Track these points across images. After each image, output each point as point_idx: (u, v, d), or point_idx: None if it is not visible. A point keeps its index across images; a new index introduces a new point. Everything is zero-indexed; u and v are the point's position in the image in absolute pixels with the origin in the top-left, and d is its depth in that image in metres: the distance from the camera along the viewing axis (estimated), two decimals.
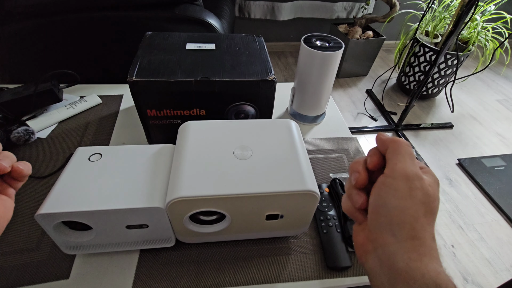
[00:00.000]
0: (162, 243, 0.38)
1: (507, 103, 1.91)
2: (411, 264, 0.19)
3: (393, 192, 0.21)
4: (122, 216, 0.33)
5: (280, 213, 0.35)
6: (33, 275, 0.36)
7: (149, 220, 0.34)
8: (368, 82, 1.99)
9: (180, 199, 0.31)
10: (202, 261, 0.39)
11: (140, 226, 0.34)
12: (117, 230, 0.34)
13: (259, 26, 2.09)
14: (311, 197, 0.33)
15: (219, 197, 0.31)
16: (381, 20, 1.83)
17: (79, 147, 0.38)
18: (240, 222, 0.35)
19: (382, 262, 0.21)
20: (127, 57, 0.55)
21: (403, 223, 0.20)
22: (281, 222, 0.36)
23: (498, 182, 1.34)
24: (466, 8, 1.08)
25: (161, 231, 0.36)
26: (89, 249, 0.36)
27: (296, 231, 0.40)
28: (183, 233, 0.36)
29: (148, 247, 0.37)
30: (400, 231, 0.20)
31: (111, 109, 0.63)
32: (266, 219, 0.35)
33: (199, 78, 0.44)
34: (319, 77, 0.57)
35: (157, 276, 0.37)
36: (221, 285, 0.37)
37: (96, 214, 0.31)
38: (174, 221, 0.34)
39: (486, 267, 1.06)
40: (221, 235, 0.37)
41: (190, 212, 0.33)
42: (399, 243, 0.20)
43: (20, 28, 0.79)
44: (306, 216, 0.37)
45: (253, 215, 0.35)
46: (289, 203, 0.34)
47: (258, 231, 0.38)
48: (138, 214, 0.33)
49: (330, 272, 0.40)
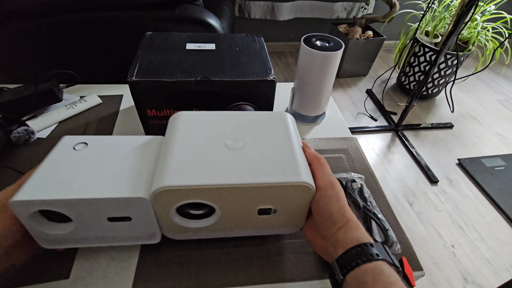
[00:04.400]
0: (147, 239, 0.35)
1: (507, 103, 1.91)
2: (345, 235, 0.28)
3: (328, 200, 0.30)
4: (103, 206, 0.30)
5: (273, 208, 0.33)
6: (33, 275, 0.36)
7: (132, 212, 0.31)
8: (368, 82, 2.00)
9: (165, 189, 0.29)
10: (202, 261, 0.39)
11: (123, 219, 0.32)
12: (98, 223, 0.32)
13: (259, 26, 2.09)
14: (305, 190, 0.31)
15: (208, 187, 0.29)
16: (381, 20, 1.83)
17: (65, 136, 0.36)
18: (231, 216, 0.33)
19: (331, 242, 0.30)
20: (127, 57, 0.55)
21: (341, 217, 0.30)
22: (274, 218, 0.34)
23: (498, 182, 1.34)
24: (466, 8, 1.09)
25: (145, 225, 0.33)
26: (68, 243, 0.33)
27: (290, 229, 0.37)
28: (170, 228, 0.34)
29: (130, 243, 0.35)
30: (340, 222, 0.29)
31: (111, 109, 0.63)
32: (258, 214, 0.33)
33: (199, 78, 0.44)
34: (319, 77, 0.57)
35: (157, 276, 0.37)
36: (221, 285, 0.37)
37: (75, 203, 0.29)
38: (159, 214, 0.32)
39: (486, 267, 1.06)
40: (211, 232, 0.35)
41: (176, 203, 0.30)
42: (340, 229, 0.29)
43: (20, 28, 0.79)
44: (301, 211, 0.34)
45: (244, 209, 0.33)
46: (282, 196, 0.32)
47: (250, 227, 0.36)
48: (121, 204, 0.30)
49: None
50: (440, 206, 1.26)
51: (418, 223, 1.19)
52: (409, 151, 1.49)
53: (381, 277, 0.24)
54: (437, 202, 1.27)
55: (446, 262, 1.08)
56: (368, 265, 0.25)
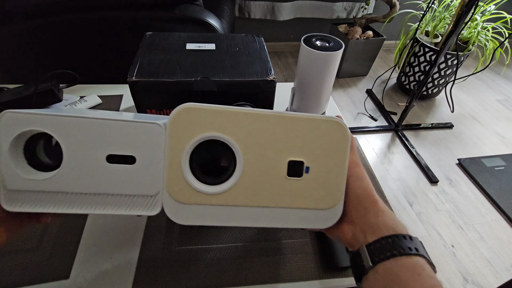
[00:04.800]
0: (145, 207, 0.27)
1: (507, 103, 1.91)
2: (377, 220, 0.26)
3: (353, 178, 0.28)
4: (107, 133, 0.25)
5: (305, 161, 0.27)
6: (33, 275, 0.36)
7: (139, 148, 0.26)
8: (368, 82, 2.00)
9: (188, 107, 0.25)
10: (202, 261, 0.39)
11: (125, 159, 0.26)
12: (94, 163, 0.25)
13: (259, 26, 2.09)
14: (339, 131, 0.27)
15: (236, 111, 0.26)
16: (381, 20, 1.83)
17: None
18: (254, 174, 0.27)
19: (359, 226, 0.27)
20: (127, 57, 0.55)
21: (368, 197, 0.27)
22: (306, 185, 0.28)
23: (498, 182, 1.34)
24: (466, 8, 1.09)
25: (149, 174, 0.26)
26: (42, 202, 0.25)
27: (324, 214, 0.29)
28: (178, 189, 0.26)
29: (124, 211, 0.26)
30: (367, 202, 0.27)
31: (111, 109, 0.63)
32: (288, 175, 0.27)
33: (199, 78, 0.44)
34: (319, 77, 0.57)
35: (157, 276, 0.37)
36: (221, 285, 0.37)
37: (76, 124, 0.24)
38: (171, 156, 0.26)
39: (486, 267, 1.06)
40: (226, 212, 0.28)
41: (196, 135, 0.26)
42: (369, 211, 0.27)
43: (20, 28, 0.79)
44: (337, 174, 0.28)
45: (272, 159, 0.27)
46: (314, 140, 0.27)
47: (277, 200, 0.28)
48: (128, 133, 0.25)
49: (330, 272, 0.40)
50: (440, 206, 1.26)
51: (418, 223, 1.19)
52: (409, 151, 1.49)
53: (422, 277, 0.22)
54: (437, 202, 1.27)
55: (446, 262, 1.08)
56: (407, 260, 0.23)
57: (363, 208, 0.27)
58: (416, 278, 0.21)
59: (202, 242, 0.41)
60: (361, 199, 0.27)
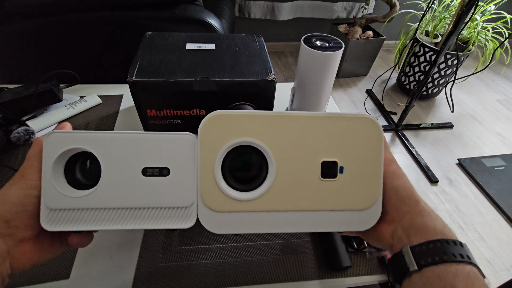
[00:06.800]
0: (180, 219, 0.27)
1: (507, 103, 1.91)
2: (424, 221, 0.24)
3: (390, 175, 0.27)
4: (142, 146, 0.25)
5: (338, 160, 0.27)
6: (33, 275, 0.36)
7: (173, 158, 0.26)
8: (368, 82, 2.00)
9: (218, 114, 0.26)
10: (202, 262, 0.39)
11: (160, 171, 0.26)
12: (131, 176, 0.26)
13: (259, 26, 2.09)
14: (371, 127, 0.26)
15: (266, 115, 0.26)
16: (381, 20, 1.83)
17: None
18: (287, 176, 0.26)
19: (401, 226, 0.26)
20: (127, 57, 0.55)
21: (409, 194, 0.26)
22: (341, 186, 0.27)
23: (498, 182, 1.34)
24: (466, 8, 1.08)
25: (183, 185, 0.26)
26: (81, 220, 0.25)
27: (362, 215, 0.27)
28: (212, 198, 0.26)
29: (161, 225, 0.26)
30: (409, 200, 0.26)
31: (111, 109, 0.63)
32: (321, 176, 0.27)
33: (199, 78, 0.44)
34: (319, 77, 0.57)
35: (157, 276, 0.37)
36: (221, 285, 0.37)
37: (113, 139, 0.25)
38: (203, 166, 0.26)
39: (486, 267, 1.06)
40: (261, 218, 0.27)
41: (225, 143, 0.26)
42: (413, 210, 0.25)
43: (20, 28, 0.79)
44: (373, 172, 0.27)
45: (306, 161, 0.27)
46: (347, 139, 0.27)
47: (311, 203, 0.27)
48: (162, 145, 0.26)
49: (330, 272, 0.40)
50: (440, 206, 1.26)
51: None
52: (409, 151, 1.49)
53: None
54: (437, 202, 1.27)
55: None
56: (458, 267, 0.21)
57: (406, 206, 0.26)
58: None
59: (202, 242, 0.41)
60: (403, 198, 0.26)
